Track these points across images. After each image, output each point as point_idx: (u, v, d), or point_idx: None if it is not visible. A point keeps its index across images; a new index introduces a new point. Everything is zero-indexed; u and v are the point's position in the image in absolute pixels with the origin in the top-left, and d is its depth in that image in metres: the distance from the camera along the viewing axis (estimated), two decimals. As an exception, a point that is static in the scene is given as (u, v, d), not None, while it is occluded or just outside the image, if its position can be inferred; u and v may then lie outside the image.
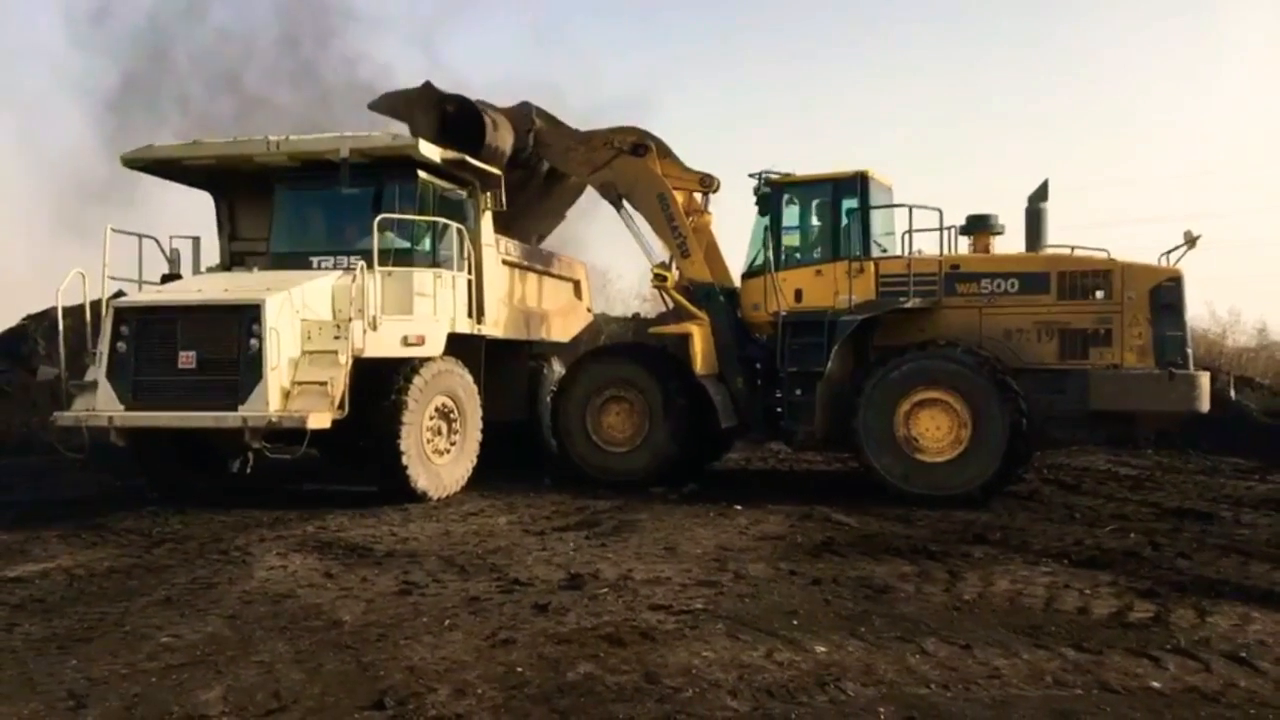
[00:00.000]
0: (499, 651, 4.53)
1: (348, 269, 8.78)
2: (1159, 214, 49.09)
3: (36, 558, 6.75)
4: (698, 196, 11.20)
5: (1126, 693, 4.03)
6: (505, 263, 11.25)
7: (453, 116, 10.48)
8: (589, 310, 14.65)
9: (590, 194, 12.20)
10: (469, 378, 9.69)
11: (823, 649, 4.54)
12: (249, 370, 8.05)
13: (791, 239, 10.74)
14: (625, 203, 11.10)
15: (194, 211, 11.13)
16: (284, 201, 10.07)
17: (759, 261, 10.60)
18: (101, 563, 6.55)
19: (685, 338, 10.51)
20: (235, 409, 7.98)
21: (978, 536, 7.28)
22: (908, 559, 6.54)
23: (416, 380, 8.80)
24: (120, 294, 9.35)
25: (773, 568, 6.27)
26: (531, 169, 11.64)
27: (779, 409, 10.26)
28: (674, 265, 10.94)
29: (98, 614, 5.22)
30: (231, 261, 10.70)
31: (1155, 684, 4.12)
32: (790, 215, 10.70)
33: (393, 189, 9.52)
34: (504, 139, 10.63)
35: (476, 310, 10.27)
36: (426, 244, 9.77)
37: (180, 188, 10.65)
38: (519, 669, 4.28)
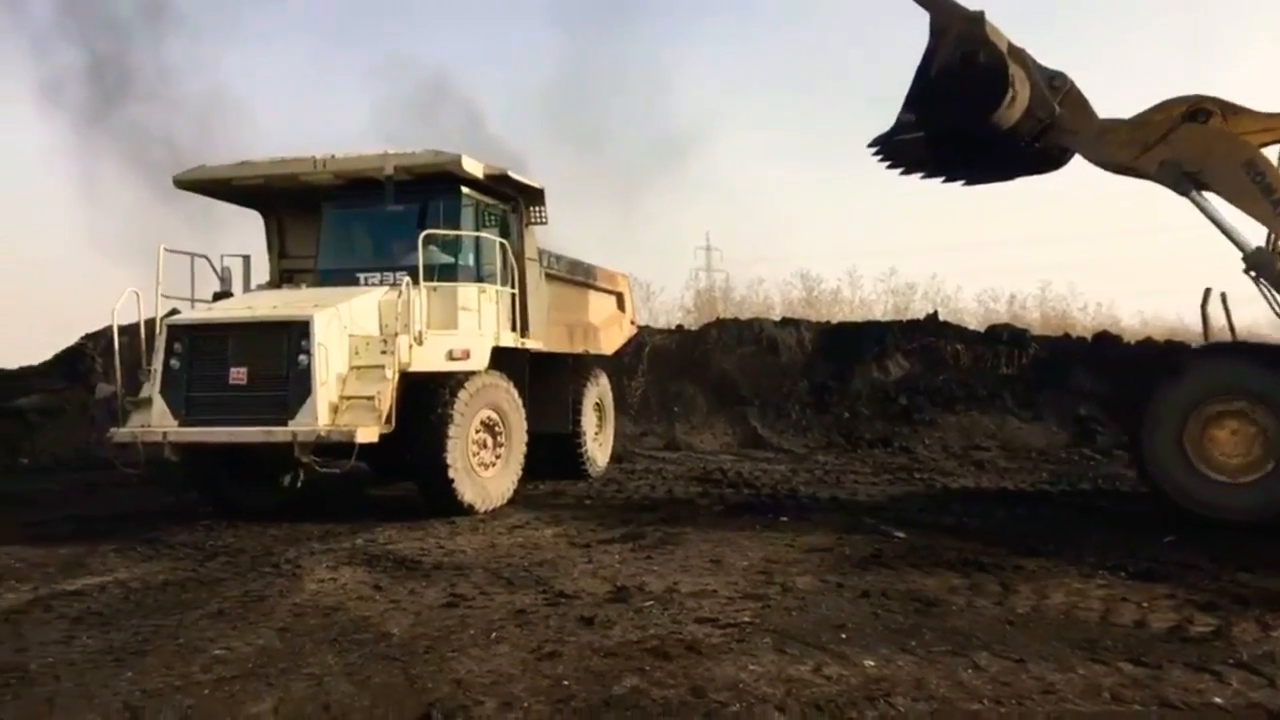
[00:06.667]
0: (545, 664, 4.53)
1: (393, 285, 8.89)
2: None
3: (94, 571, 6.89)
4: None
5: (1187, 709, 3.91)
6: (548, 276, 11.31)
7: (976, 64, 8.77)
8: (632, 323, 14.71)
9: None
10: (514, 391, 9.73)
11: (872, 663, 4.47)
12: (298, 385, 8.17)
13: None
14: (1196, 183, 8.77)
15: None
16: (331, 219, 10.22)
17: None
18: (156, 576, 6.66)
19: None
20: (285, 424, 8.08)
21: (1031, 549, 7.13)
22: (959, 571, 6.42)
23: (462, 394, 8.86)
24: (174, 312, 9.54)
25: (820, 580, 6.20)
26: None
27: None
28: (1276, 247, 8.64)
29: (153, 626, 5.31)
30: (281, 279, 10.88)
31: (1217, 700, 4.00)
32: None
33: (436, 205, 9.62)
34: (1010, 117, 8.94)
35: (520, 324, 10.32)
36: (470, 259, 9.85)
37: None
38: (565, 682, 4.27)
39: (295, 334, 8.25)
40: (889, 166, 9.81)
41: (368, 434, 7.98)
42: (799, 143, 73.01)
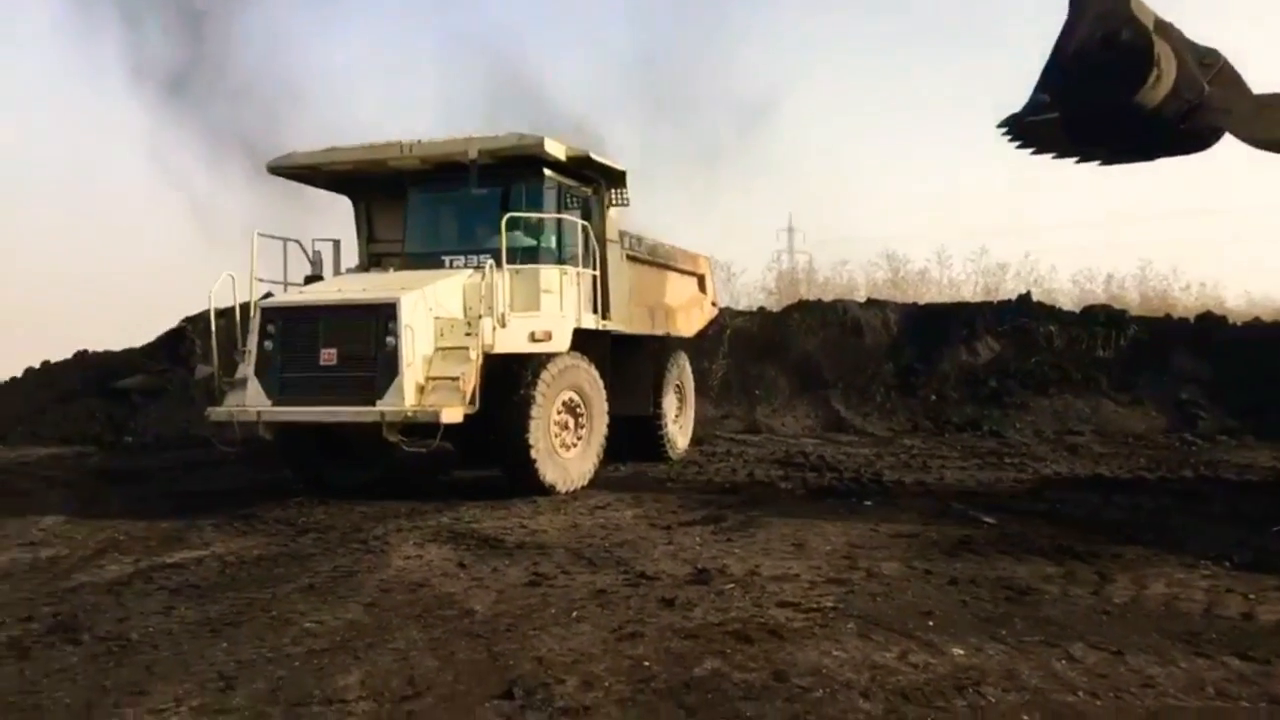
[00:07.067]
0: (626, 645, 4.53)
1: (477, 268, 8.98)
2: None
3: (192, 545, 7.15)
4: None
5: (1300, 708, 3.71)
6: (629, 258, 11.30)
7: (1118, 42, 8.24)
8: (713, 304, 14.62)
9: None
10: (595, 373, 9.76)
11: (960, 652, 4.35)
12: (386, 366, 8.32)
13: None
14: None
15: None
16: (417, 203, 10.38)
17: None
18: (251, 550, 6.88)
19: None
20: (374, 404, 8.25)
21: (1129, 537, 6.86)
22: (1052, 559, 6.20)
23: (544, 375, 8.91)
24: (268, 295, 9.81)
25: (906, 566, 6.06)
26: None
27: None
28: None
29: (247, 599, 5.48)
30: (370, 262, 11.10)
31: (1333, 699, 3.78)
32: None
33: (520, 188, 9.69)
34: (1154, 98, 8.36)
35: (601, 306, 10.34)
36: (552, 241, 9.89)
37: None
38: (646, 663, 4.26)
39: (383, 316, 8.40)
40: (1019, 147, 9.29)
41: (453, 414, 8.09)
42: (886, 122, 71.57)
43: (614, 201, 10.70)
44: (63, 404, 17.59)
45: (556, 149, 9.52)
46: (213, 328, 9.23)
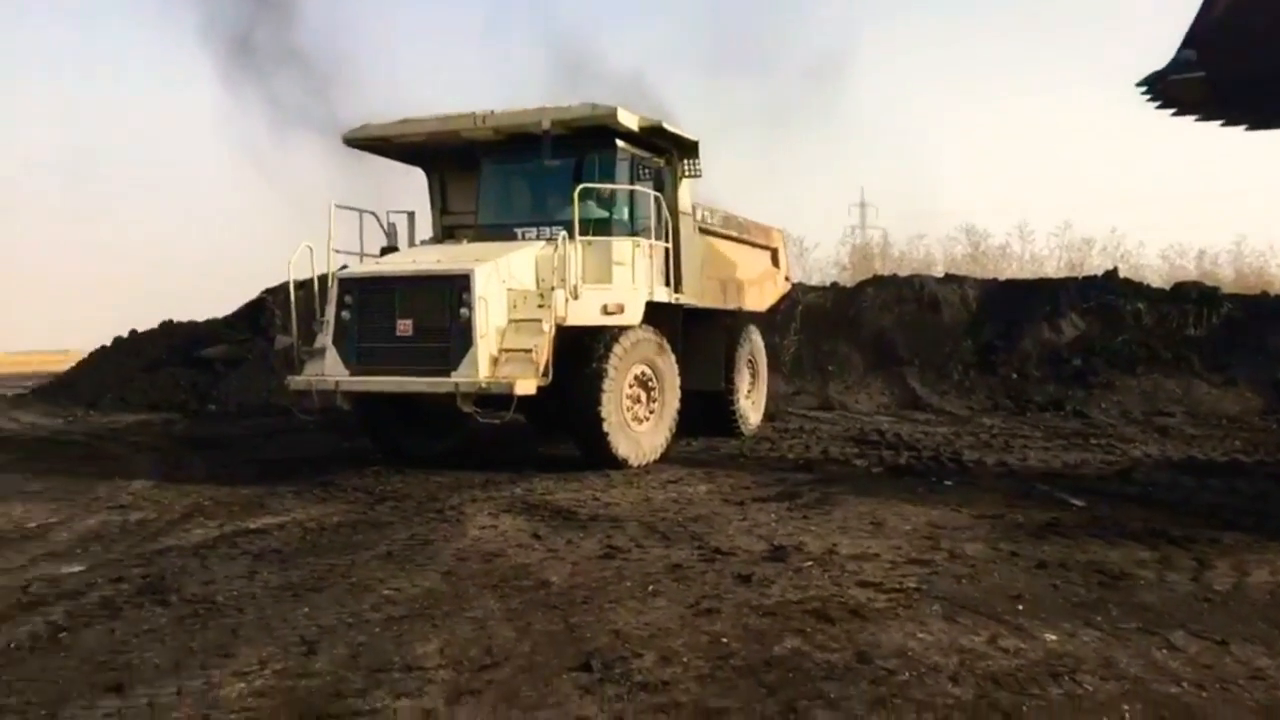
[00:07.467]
0: (703, 620, 4.46)
1: (550, 239, 8.93)
2: None
3: (274, 511, 7.28)
4: None
5: None
6: (702, 230, 11.15)
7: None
8: (786, 279, 14.40)
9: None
10: (667, 346, 9.67)
11: (1053, 637, 4.18)
12: (460, 338, 8.35)
13: None
14: None
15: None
16: (489, 175, 10.36)
17: None
18: (330, 517, 6.98)
19: None
20: (448, 374, 8.29)
21: (1227, 521, 6.56)
22: (1146, 544, 5.95)
23: (616, 349, 8.85)
24: (345, 266, 9.92)
25: (991, 548, 5.86)
26: None
27: None
28: None
29: (327, 565, 5.54)
30: (444, 234, 11.14)
31: None
32: None
33: (592, 159, 9.61)
34: None
35: (674, 279, 10.22)
36: (625, 213, 9.80)
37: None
38: (724, 639, 4.19)
39: (457, 287, 8.42)
40: (1159, 107, 8.94)
41: (526, 386, 8.09)
42: (967, 90, 69.71)
43: (686, 172, 10.55)
44: (149, 372, 18.17)
45: (629, 119, 9.40)
46: (292, 298, 9.36)
